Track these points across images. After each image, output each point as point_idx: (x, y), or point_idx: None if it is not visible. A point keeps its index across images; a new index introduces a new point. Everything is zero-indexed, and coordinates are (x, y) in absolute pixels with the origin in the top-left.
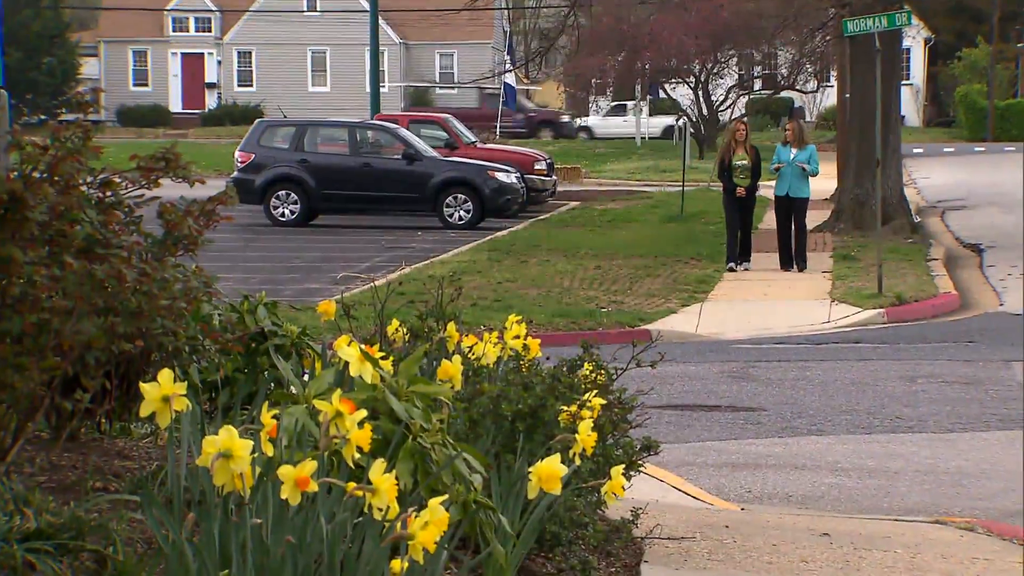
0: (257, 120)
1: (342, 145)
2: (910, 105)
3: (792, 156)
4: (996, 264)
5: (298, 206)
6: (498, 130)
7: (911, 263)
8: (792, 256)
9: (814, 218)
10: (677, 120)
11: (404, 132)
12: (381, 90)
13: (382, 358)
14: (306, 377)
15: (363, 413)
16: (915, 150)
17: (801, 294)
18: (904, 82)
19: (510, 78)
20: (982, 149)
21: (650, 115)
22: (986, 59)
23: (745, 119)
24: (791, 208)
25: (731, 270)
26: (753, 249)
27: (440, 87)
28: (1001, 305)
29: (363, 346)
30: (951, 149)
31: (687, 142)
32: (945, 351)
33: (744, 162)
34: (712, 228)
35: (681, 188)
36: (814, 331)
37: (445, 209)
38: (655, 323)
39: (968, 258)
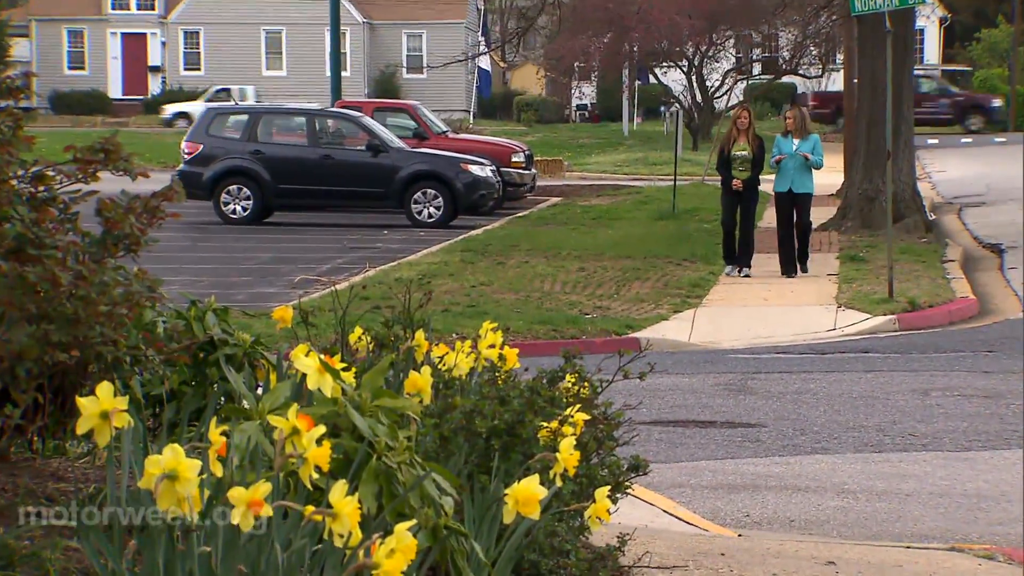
0: (206, 107)
1: (300, 135)
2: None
3: (795, 147)
4: (1018, 266)
5: (251, 202)
6: (470, 113)
7: (925, 265)
8: (794, 259)
9: (818, 215)
10: (668, 108)
11: (368, 121)
12: (343, 74)
13: (343, 369)
14: (260, 390)
15: (322, 430)
16: (929, 141)
17: (804, 299)
18: (918, 66)
19: (485, 62)
20: (1003, 140)
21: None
22: (1007, 41)
23: (748, 105)
24: (793, 205)
25: (728, 275)
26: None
27: (408, 70)
28: None
29: (323, 356)
30: (969, 140)
31: (679, 132)
32: (962, 362)
33: (744, 152)
34: (707, 227)
35: (673, 182)
36: (818, 339)
37: (413, 205)
38: (644, 331)
39: (987, 259)
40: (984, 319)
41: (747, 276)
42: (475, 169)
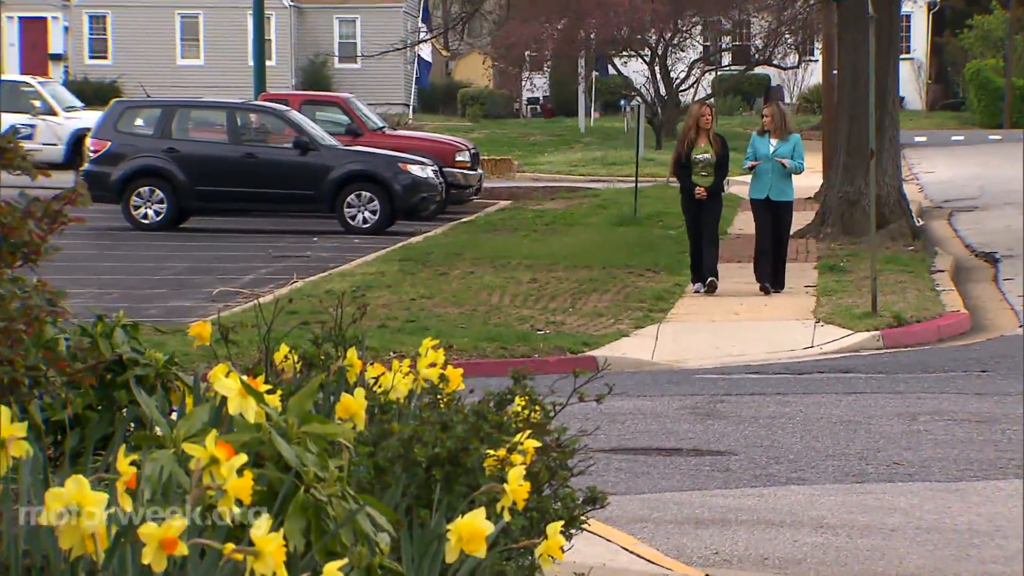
0: (114, 100)
1: (219, 131)
2: (911, 84)
3: (772, 149)
4: (1015, 277)
5: (165, 206)
6: (410, 107)
7: (912, 276)
8: (770, 274)
9: (795, 220)
10: (629, 102)
11: (295, 116)
12: (267, 64)
13: (268, 392)
14: (174, 415)
15: (244, 459)
16: (917, 139)
17: (779, 314)
18: (904, 56)
19: (426, 50)
20: (998, 138)
21: None
22: (1002, 28)
23: (711, 102)
24: (773, 214)
25: (699, 289)
26: (723, 258)
27: (341, 59)
28: (1021, 327)
29: (245, 377)
30: (960, 137)
31: (641, 128)
32: (953, 382)
33: (707, 155)
34: (672, 233)
35: (634, 184)
36: (795, 358)
37: (347, 209)
38: (602, 348)
39: (981, 269)
40: (977, 335)
41: (713, 286)
42: (415, 169)
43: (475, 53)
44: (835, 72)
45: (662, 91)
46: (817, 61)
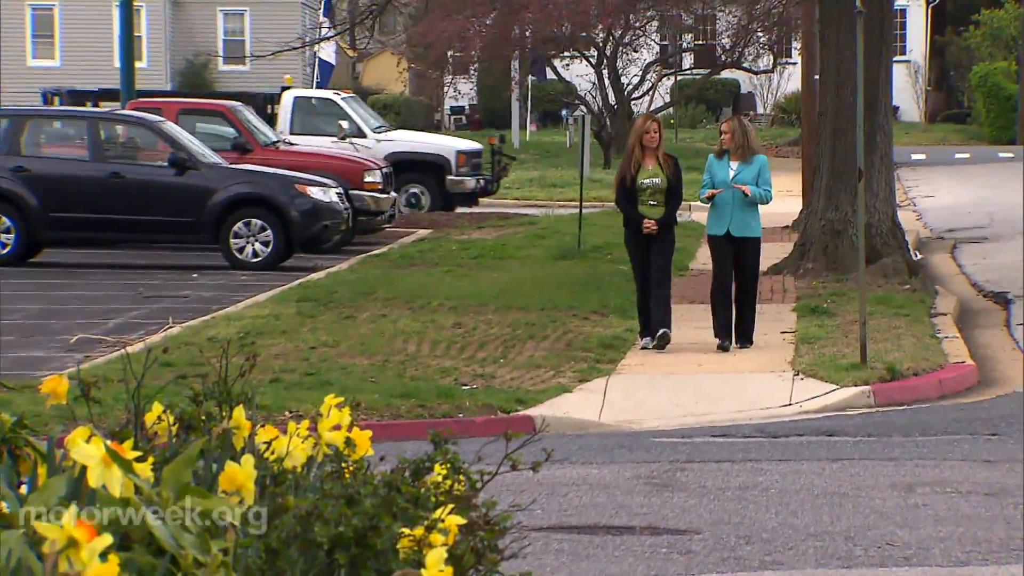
0: None
1: (79, 146)
2: (907, 91)
3: (732, 174)
4: None
5: (12, 236)
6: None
7: (909, 320)
8: (730, 327)
9: (770, 253)
10: (572, 112)
11: (171, 128)
12: (137, 65)
13: (138, 460)
14: (24, 488)
15: (109, 540)
16: (914, 156)
17: (750, 365)
18: (898, 58)
19: (327, 50)
20: (1010, 155)
21: None
22: (1016, 25)
23: (668, 112)
24: (735, 254)
25: (653, 345)
26: (683, 299)
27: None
28: None
29: (109, 442)
30: (966, 155)
31: (586, 143)
32: (957, 447)
33: (656, 180)
34: (624, 269)
35: (578, 210)
36: (770, 418)
37: (233, 240)
38: (540, 407)
39: (990, 313)
40: (985, 391)
41: (664, 339)
42: (316, 192)
43: (387, 53)
44: (816, 77)
45: (611, 99)
46: (795, 64)
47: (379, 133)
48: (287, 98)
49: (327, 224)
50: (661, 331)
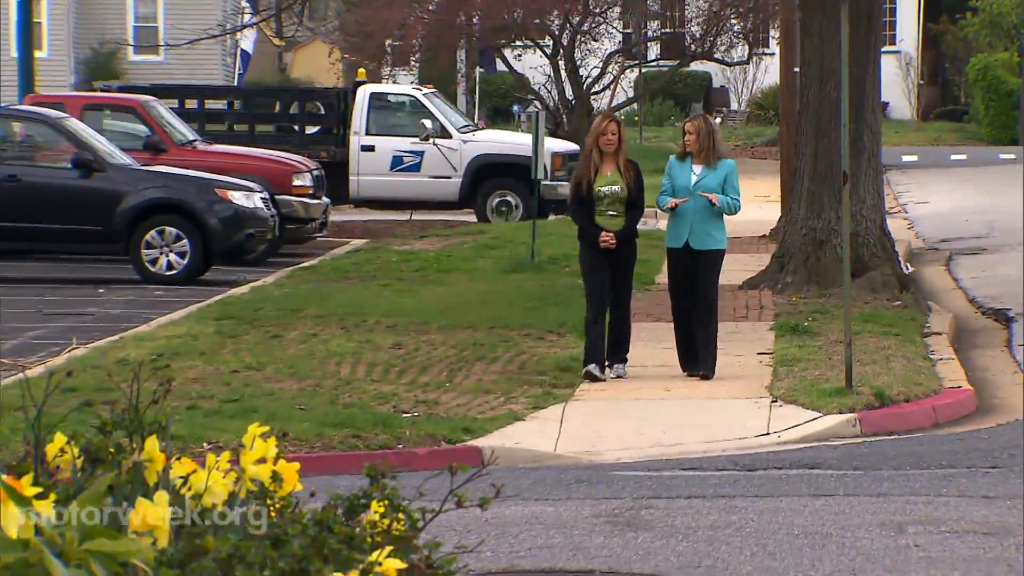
0: None
1: None
2: (897, 86)
3: (695, 180)
4: None
5: None
6: None
7: (899, 339)
8: (695, 349)
9: (744, 266)
10: (524, 108)
11: (75, 124)
12: (37, 55)
13: (39, 496)
14: None
15: None
16: (905, 158)
17: (724, 390)
18: (888, 49)
19: (248, 40)
20: (1012, 157)
21: None
22: (1017, 11)
23: (622, 112)
24: (694, 268)
25: (593, 377)
26: (649, 316)
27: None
28: None
29: (6, 477)
30: (962, 156)
31: (541, 143)
32: (953, 482)
33: (615, 188)
34: (581, 282)
35: (532, 218)
36: (745, 449)
37: (146, 251)
38: (489, 437)
39: (990, 332)
40: (984, 419)
41: (620, 376)
42: (238, 197)
43: (318, 42)
44: (797, 70)
45: (568, 93)
46: (774, 55)
47: (465, 133)
48: (362, 95)
49: (251, 233)
50: (615, 363)
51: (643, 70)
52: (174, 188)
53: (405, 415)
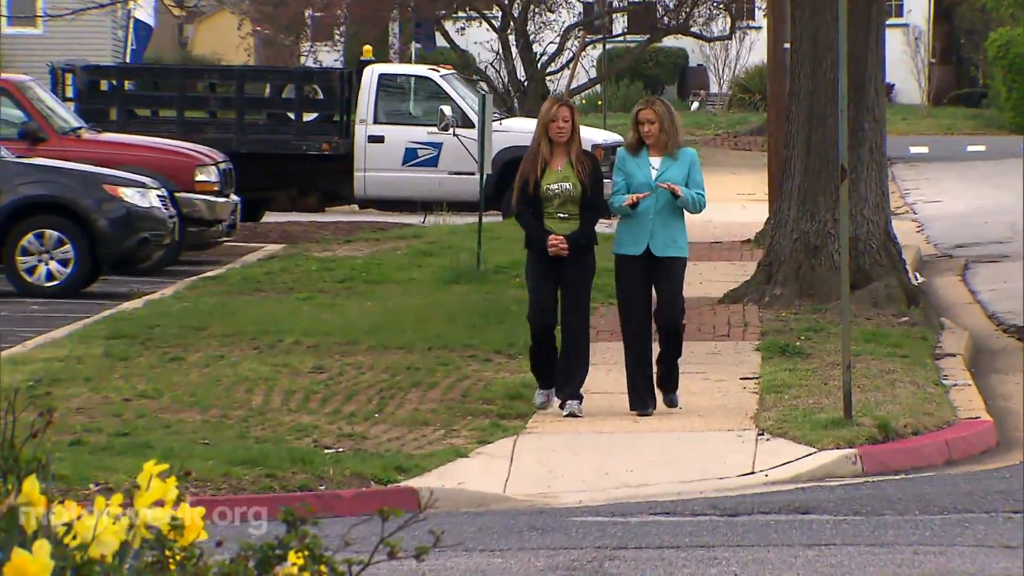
0: None
1: None
2: (904, 65)
3: (656, 174)
4: None
5: None
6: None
7: (906, 362)
8: (651, 383)
9: (726, 275)
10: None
11: None
12: None
13: None
14: None
15: None
16: (914, 149)
17: (702, 421)
18: (893, 22)
19: (145, 9)
20: None
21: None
22: None
23: (581, 96)
24: (652, 279)
25: (543, 407)
26: (609, 335)
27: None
28: None
29: None
30: (980, 148)
31: (488, 131)
32: (969, 529)
33: (566, 185)
34: None
35: (478, 220)
36: (725, 491)
37: (21, 258)
38: (427, 476)
39: (1011, 353)
40: (1005, 455)
41: (573, 415)
42: (130, 194)
43: (225, 13)
44: (787, 47)
45: (520, 73)
46: (760, 29)
47: (491, 122)
48: (369, 76)
49: (146, 236)
50: (569, 399)
51: (607, 46)
52: (55, 184)
53: (328, 451)
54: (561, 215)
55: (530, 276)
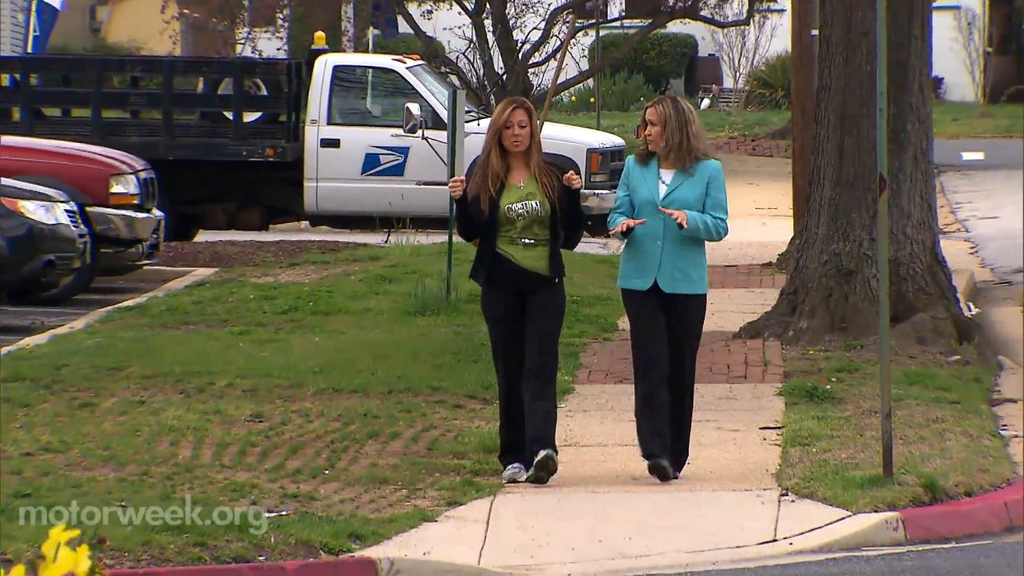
0: None
1: None
2: (955, 55)
3: (665, 191)
4: None
5: None
6: None
7: (958, 409)
8: (665, 434)
9: (744, 305)
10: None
11: None
12: None
13: None
14: None
15: None
16: (966, 156)
17: (714, 479)
18: (941, 3)
19: None
20: None
21: None
22: None
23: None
24: (667, 321)
25: (513, 481)
26: (604, 376)
27: None
28: None
29: None
30: None
31: (460, 132)
32: None
33: (532, 203)
34: None
35: (447, 240)
36: (744, 561)
37: None
38: (387, 544)
39: None
40: None
41: (539, 480)
42: (32, 209)
43: None
44: (814, 34)
45: (498, 64)
46: (783, 13)
47: (468, 122)
48: (321, 68)
49: (51, 259)
50: (541, 453)
51: (601, 33)
52: None
53: (269, 515)
54: (526, 240)
55: (489, 318)
